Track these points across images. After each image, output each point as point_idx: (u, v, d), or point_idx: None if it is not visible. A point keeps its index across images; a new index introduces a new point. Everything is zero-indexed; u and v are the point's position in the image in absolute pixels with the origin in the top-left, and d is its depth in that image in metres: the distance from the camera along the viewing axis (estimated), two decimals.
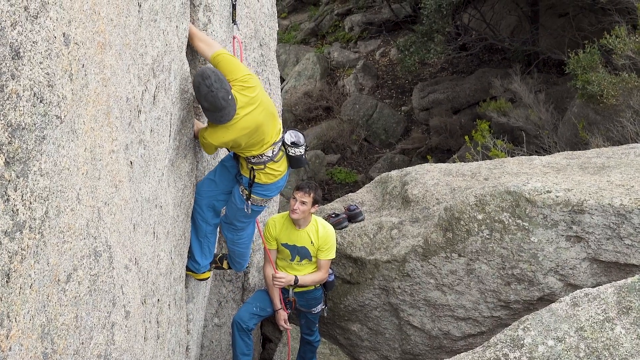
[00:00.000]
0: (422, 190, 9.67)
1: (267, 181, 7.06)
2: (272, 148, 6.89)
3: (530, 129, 18.18)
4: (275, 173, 7.07)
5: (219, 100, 6.35)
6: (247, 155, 6.90)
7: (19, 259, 3.01)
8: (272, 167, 7.02)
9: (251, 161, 6.90)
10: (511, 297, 8.40)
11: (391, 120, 24.80)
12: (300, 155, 7.19)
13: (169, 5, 5.73)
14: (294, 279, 8.47)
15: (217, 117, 6.47)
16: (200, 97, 6.34)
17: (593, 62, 15.16)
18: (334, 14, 31.04)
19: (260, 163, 6.92)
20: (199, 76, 6.36)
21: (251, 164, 6.94)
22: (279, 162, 7.07)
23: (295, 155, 7.16)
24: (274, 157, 6.96)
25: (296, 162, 7.29)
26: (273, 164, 7.00)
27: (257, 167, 6.94)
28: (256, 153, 6.84)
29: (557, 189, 7.99)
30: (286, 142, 7.09)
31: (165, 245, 6.19)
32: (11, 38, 2.88)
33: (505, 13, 24.69)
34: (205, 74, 6.34)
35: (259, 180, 7.03)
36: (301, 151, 7.18)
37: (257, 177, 7.00)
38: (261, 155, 6.86)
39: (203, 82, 6.34)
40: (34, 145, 3.09)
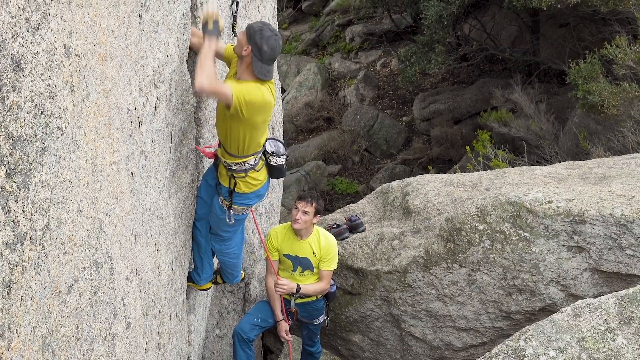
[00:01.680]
0: (423, 200, 9.67)
1: (247, 190, 6.95)
2: (255, 157, 6.84)
3: (531, 139, 18.19)
4: (255, 182, 6.97)
5: (278, 49, 6.46)
6: (230, 162, 6.81)
7: (20, 271, 3.01)
8: (253, 176, 6.92)
9: (232, 168, 6.82)
10: (512, 307, 8.39)
11: (392, 130, 24.80)
12: (280, 165, 7.12)
13: (169, 16, 5.74)
14: (296, 286, 8.46)
15: (265, 69, 6.45)
16: (262, 40, 6.33)
17: (594, 72, 15.16)
18: (335, 24, 31.06)
19: (242, 171, 6.84)
20: (259, 23, 6.48)
21: (232, 172, 6.86)
22: (260, 171, 7.00)
23: (276, 164, 7.08)
24: (255, 166, 6.88)
25: (276, 172, 7.22)
26: (254, 172, 6.91)
27: (237, 175, 6.85)
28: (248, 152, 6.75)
29: (558, 199, 7.99)
30: (267, 151, 7.04)
31: (166, 256, 6.19)
32: (12, 50, 2.89)
33: (505, 23, 24.71)
34: (266, 23, 6.47)
35: (239, 190, 6.91)
36: (282, 160, 7.12)
37: (238, 186, 6.90)
38: (243, 163, 6.79)
39: (266, 27, 6.42)
40: (35, 156, 3.09)
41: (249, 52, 6.39)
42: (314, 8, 33.54)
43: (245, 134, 6.52)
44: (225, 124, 6.54)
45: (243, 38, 6.44)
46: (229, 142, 6.65)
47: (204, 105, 7.13)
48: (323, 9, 33.07)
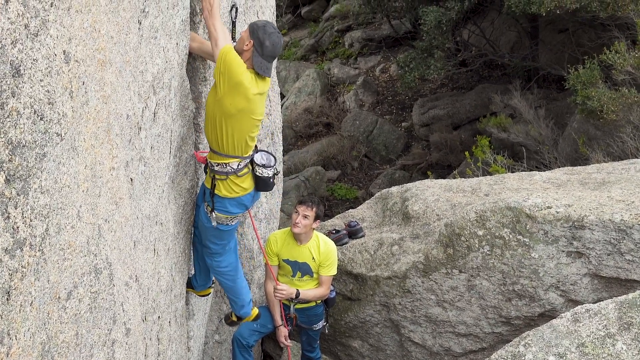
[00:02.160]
0: (423, 206, 9.67)
1: (226, 194, 6.85)
2: (239, 161, 6.79)
3: (530, 145, 18.18)
4: (237, 189, 6.86)
5: (279, 47, 6.57)
6: (213, 161, 6.77)
7: (20, 277, 3.01)
8: (234, 181, 6.87)
9: (214, 169, 6.78)
10: (512, 313, 8.39)
11: (391, 136, 24.80)
12: (267, 178, 6.99)
13: (169, 22, 5.75)
14: (296, 292, 8.46)
15: (265, 65, 6.52)
16: (264, 35, 6.43)
17: (593, 78, 15.16)
18: (334, 30, 31.07)
19: (223, 173, 6.80)
20: (262, 21, 6.65)
21: (213, 172, 6.82)
22: (242, 177, 6.92)
23: (262, 176, 6.99)
24: (237, 171, 6.82)
25: (262, 184, 7.07)
26: (235, 177, 6.86)
27: (218, 177, 6.80)
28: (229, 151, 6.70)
29: (558, 205, 7.99)
30: (256, 162, 6.96)
31: (165, 262, 6.19)
32: (12, 56, 2.89)
33: (504, 29, 24.72)
34: (269, 22, 6.62)
35: (218, 192, 6.82)
36: (269, 173, 7.02)
37: (217, 188, 6.83)
38: (225, 165, 6.74)
39: (269, 24, 6.54)
40: (34, 162, 3.09)
41: (250, 46, 6.44)
42: (313, 14, 33.57)
43: (222, 122, 6.45)
44: (210, 112, 6.56)
45: (245, 34, 6.52)
46: (209, 133, 6.66)
47: (203, 111, 7.12)
48: (322, 15, 33.10)
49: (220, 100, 6.38)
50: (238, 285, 7.72)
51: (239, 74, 6.29)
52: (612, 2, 15.22)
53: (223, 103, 6.38)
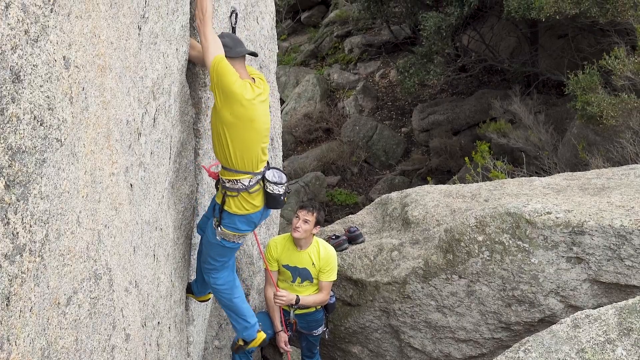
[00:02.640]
0: (423, 211, 9.67)
1: (236, 210, 6.80)
2: (250, 177, 6.76)
3: (530, 150, 18.21)
4: (248, 206, 6.81)
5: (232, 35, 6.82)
6: (224, 178, 6.76)
7: (19, 282, 3.01)
8: (245, 198, 6.83)
9: (225, 185, 6.76)
10: (512, 318, 8.39)
11: (391, 141, 24.84)
12: (278, 195, 6.96)
13: (168, 28, 5.75)
14: (295, 297, 8.46)
15: (241, 50, 6.60)
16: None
17: (592, 83, 15.19)
18: (334, 35, 31.13)
19: (234, 189, 6.77)
20: None
21: (225, 188, 6.80)
22: (253, 194, 6.87)
23: (273, 193, 6.95)
24: (248, 188, 6.79)
25: (273, 202, 6.98)
26: (247, 194, 6.82)
27: (230, 193, 6.77)
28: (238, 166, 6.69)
29: (557, 210, 7.99)
30: (268, 179, 6.87)
31: (165, 267, 6.19)
32: (11, 61, 2.89)
33: (504, 34, 24.76)
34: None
35: (228, 208, 6.77)
36: (280, 190, 6.98)
37: (227, 204, 6.77)
38: (236, 181, 6.72)
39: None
40: (34, 168, 3.09)
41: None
42: (312, 19, 33.63)
43: (225, 135, 6.41)
44: (214, 127, 6.56)
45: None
46: (217, 150, 6.64)
47: (202, 117, 7.13)
48: (322, 20, 33.17)
49: (220, 112, 6.38)
50: (236, 305, 7.58)
51: (231, 82, 6.27)
52: (612, 8, 15.25)
53: (222, 114, 6.37)
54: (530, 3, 16.84)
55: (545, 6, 16.09)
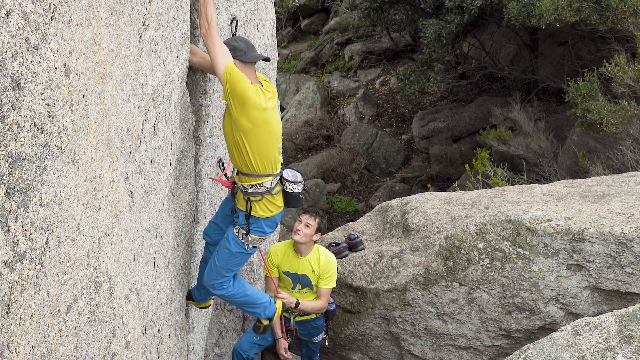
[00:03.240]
0: (423, 219, 9.67)
1: (262, 214, 6.88)
2: (272, 180, 6.82)
3: (530, 157, 18.21)
4: (272, 207, 6.91)
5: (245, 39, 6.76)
6: (246, 184, 6.79)
7: (19, 290, 3.01)
8: (269, 200, 6.91)
9: (248, 191, 6.81)
10: (512, 326, 8.38)
11: (391, 148, 24.84)
12: (297, 193, 7.06)
13: (169, 35, 5.76)
14: (296, 301, 8.46)
15: (253, 56, 6.62)
16: (231, 44, 6.53)
17: (592, 91, 15.19)
18: (334, 43, 31.15)
19: (258, 194, 6.83)
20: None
21: (248, 194, 6.84)
22: (275, 195, 6.96)
23: (292, 191, 7.02)
24: (271, 190, 6.85)
25: (293, 200, 7.10)
26: (270, 196, 6.89)
27: (254, 198, 6.84)
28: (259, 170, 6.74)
29: (558, 218, 7.99)
30: (285, 179, 6.99)
31: (165, 275, 6.18)
32: (12, 69, 2.89)
33: (504, 42, 24.78)
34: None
35: (255, 213, 6.84)
36: (299, 188, 7.08)
37: (254, 209, 6.86)
38: (258, 185, 6.77)
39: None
40: (34, 175, 3.09)
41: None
42: (313, 27, 33.66)
43: (244, 142, 6.48)
44: (230, 136, 6.59)
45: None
46: (236, 158, 6.67)
47: (203, 124, 7.14)
48: (322, 28, 33.19)
49: (237, 121, 6.42)
50: (250, 296, 7.63)
51: (245, 89, 6.32)
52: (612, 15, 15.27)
53: (239, 122, 6.41)
54: (530, 11, 16.86)
55: (545, 14, 16.10)
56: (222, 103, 7.48)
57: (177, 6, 5.91)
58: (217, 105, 7.39)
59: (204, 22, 6.32)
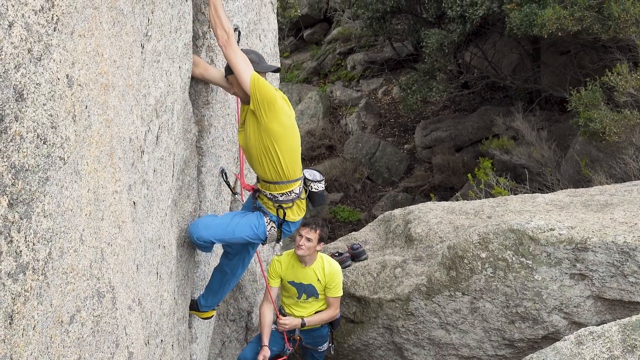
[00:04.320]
0: (426, 228, 9.67)
1: (294, 218, 7.05)
2: (300, 184, 6.92)
3: (532, 167, 18.19)
4: (300, 211, 7.10)
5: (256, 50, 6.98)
6: (276, 193, 6.85)
7: (22, 301, 3.01)
8: (299, 205, 7.03)
9: (279, 199, 6.89)
10: (515, 335, 8.37)
11: (394, 158, 24.83)
12: (322, 191, 7.22)
13: (171, 46, 5.77)
14: (301, 321, 8.47)
15: (265, 67, 6.76)
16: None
17: (595, 100, 15.17)
18: (336, 53, 31.15)
19: (289, 201, 6.92)
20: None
21: (278, 203, 6.92)
22: (303, 200, 7.10)
23: (317, 190, 7.17)
24: (300, 194, 6.99)
25: (319, 199, 7.30)
26: (300, 201, 7.02)
27: (286, 205, 6.93)
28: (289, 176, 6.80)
29: (561, 227, 7.99)
30: (308, 179, 7.13)
31: (168, 285, 6.18)
32: (15, 80, 2.90)
33: (506, 51, 24.77)
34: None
35: (289, 219, 7.00)
36: (322, 186, 7.23)
37: (287, 215, 6.97)
38: (289, 192, 6.86)
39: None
40: (37, 186, 3.10)
41: None
42: (315, 36, 33.67)
43: (276, 149, 6.58)
44: (258, 147, 6.63)
45: (232, 77, 6.58)
46: (267, 169, 6.74)
47: (205, 134, 7.14)
48: (324, 38, 33.21)
49: (268, 127, 6.51)
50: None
51: (274, 95, 6.48)
52: (614, 25, 15.26)
53: (271, 128, 6.51)
54: (532, 20, 16.86)
55: (547, 23, 16.10)
56: (225, 113, 7.50)
57: (179, 17, 5.93)
58: (220, 115, 7.40)
59: (222, 32, 6.32)
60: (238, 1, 7.54)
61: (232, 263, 7.52)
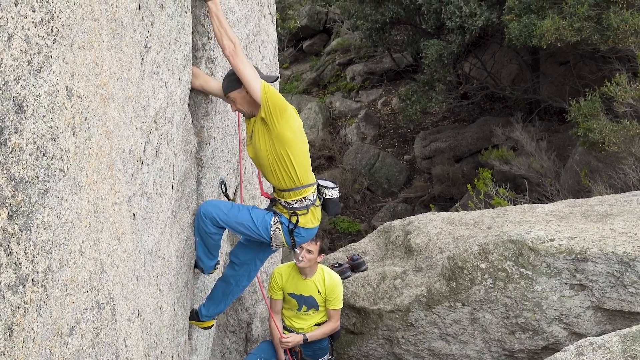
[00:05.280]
0: (425, 239, 9.67)
1: (309, 225, 7.03)
2: (314, 190, 6.94)
3: (532, 177, 18.20)
4: (314, 219, 7.09)
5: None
6: (291, 200, 6.86)
7: (22, 313, 3.01)
8: (313, 212, 7.02)
9: (293, 206, 6.89)
10: (515, 346, 8.36)
11: (393, 169, 24.84)
12: (336, 198, 7.20)
13: (171, 57, 5.77)
14: (303, 337, 8.47)
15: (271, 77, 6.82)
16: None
17: (594, 110, 15.19)
18: (336, 63, 31.20)
19: (304, 207, 6.91)
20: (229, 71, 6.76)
21: (293, 209, 6.92)
22: (317, 207, 7.09)
23: (332, 197, 7.14)
24: (314, 201, 6.99)
25: (333, 207, 7.24)
26: (315, 208, 7.01)
27: (300, 212, 6.94)
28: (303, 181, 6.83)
29: (560, 237, 7.99)
30: (323, 186, 7.11)
31: (168, 296, 6.17)
32: (14, 92, 2.90)
33: (506, 62, 24.81)
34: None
35: (303, 224, 6.98)
36: (336, 193, 7.20)
37: (301, 222, 6.95)
38: (304, 199, 6.87)
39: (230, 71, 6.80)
40: (37, 198, 3.10)
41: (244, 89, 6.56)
42: (314, 47, 33.72)
43: (289, 154, 6.63)
44: (270, 156, 6.67)
45: (234, 93, 6.62)
46: (280, 176, 6.78)
47: (205, 146, 7.14)
48: (324, 49, 33.26)
49: (280, 134, 6.55)
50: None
51: (283, 102, 6.54)
52: (613, 35, 15.28)
53: (284, 135, 6.56)
54: (531, 31, 16.87)
55: (546, 34, 16.12)
56: (224, 125, 7.50)
57: (179, 28, 5.93)
58: (219, 126, 7.40)
59: (228, 42, 6.31)
60: (237, 13, 7.55)
61: (237, 274, 7.51)
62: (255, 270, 7.64)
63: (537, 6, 17.18)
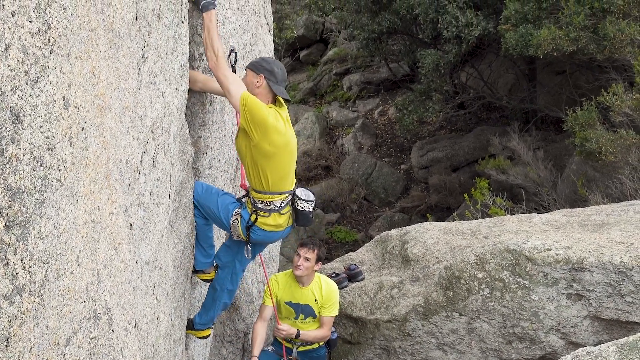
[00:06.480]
0: (422, 249, 9.66)
1: (266, 228, 7.00)
2: (283, 198, 6.89)
3: (529, 187, 18.21)
4: (275, 224, 7.01)
5: (285, 70, 6.86)
6: (257, 198, 6.85)
7: (19, 323, 3.00)
8: (276, 217, 6.98)
9: (257, 206, 6.88)
10: (513, 356, 8.35)
11: (390, 178, 24.84)
12: (308, 212, 7.14)
13: (168, 67, 5.78)
14: (296, 332, 8.44)
15: (281, 89, 6.78)
16: (270, 65, 6.72)
17: (591, 120, 15.20)
18: (333, 73, 31.21)
19: (266, 210, 6.90)
20: (257, 58, 7.02)
21: (256, 208, 6.91)
22: (284, 215, 7.03)
23: (303, 210, 7.10)
24: (280, 209, 6.94)
25: (303, 219, 7.17)
26: (278, 215, 6.98)
27: (261, 213, 6.93)
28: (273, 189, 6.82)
29: (557, 247, 7.99)
30: (298, 196, 7.05)
31: (165, 307, 6.17)
32: (11, 102, 2.91)
33: (502, 71, 24.84)
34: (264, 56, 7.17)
35: (260, 224, 6.96)
36: (310, 207, 7.15)
37: (259, 221, 6.94)
38: (269, 202, 6.85)
39: (264, 56, 7.11)
40: (33, 208, 3.10)
41: (262, 82, 6.63)
42: (311, 57, 33.74)
43: (264, 165, 6.65)
44: (248, 158, 6.70)
45: (251, 73, 6.67)
46: (252, 177, 6.80)
47: (202, 156, 7.15)
48: (320, 58, 33.27)
49: (258, 146, 6.55)
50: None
51: (264, 116, 6.46)
52: (609, 45, 15.29)
53: (262, 147, 6.56)
54: (527, 40, 16.89)
55: (542, 43, 16.13)
56: (221, 135, 7.51)
57: (175, 39, 5.94)
58: (216, 136, 7.41)
59: (211, 54, 6.36)
60: (234, 23, 7.56)
61: (220, 278, 7.54)
62: (237, 274, 7.63)
63: (533, 16, 17.19)
